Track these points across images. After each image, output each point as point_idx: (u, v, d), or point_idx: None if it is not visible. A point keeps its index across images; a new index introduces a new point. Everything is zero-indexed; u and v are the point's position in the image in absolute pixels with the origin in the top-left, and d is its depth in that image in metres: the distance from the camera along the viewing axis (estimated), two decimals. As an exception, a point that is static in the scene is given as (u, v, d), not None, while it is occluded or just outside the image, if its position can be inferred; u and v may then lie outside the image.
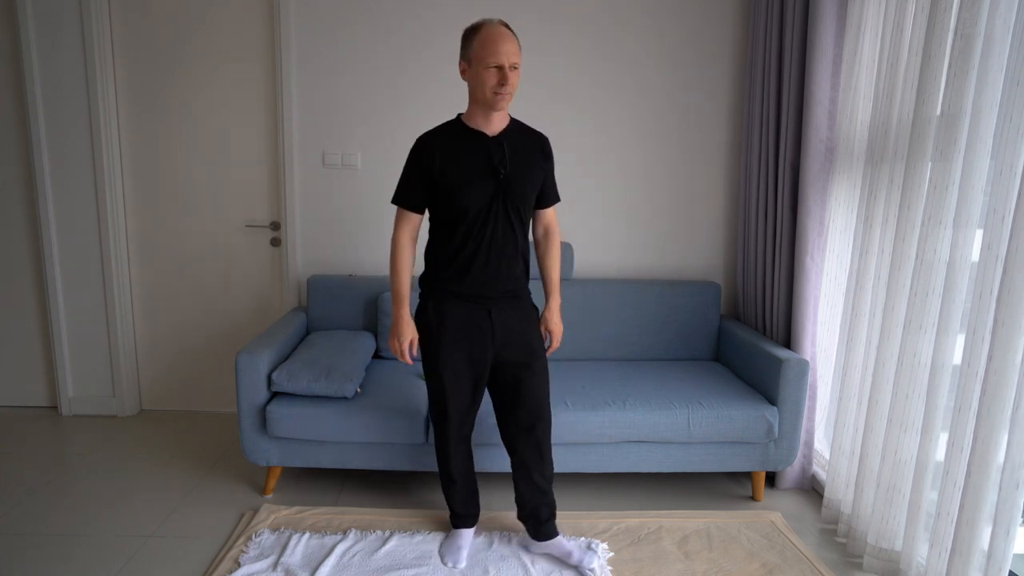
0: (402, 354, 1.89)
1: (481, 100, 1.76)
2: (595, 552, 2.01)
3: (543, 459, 1.98)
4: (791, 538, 2.18)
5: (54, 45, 2.83)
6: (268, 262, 3.10)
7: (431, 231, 1.92)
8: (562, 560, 2.00)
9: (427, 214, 1.93)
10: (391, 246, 1.90)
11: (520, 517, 2.05)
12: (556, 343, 2.04)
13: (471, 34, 1.74)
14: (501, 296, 1.89)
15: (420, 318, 1.93)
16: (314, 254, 3.04)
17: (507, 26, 1.73)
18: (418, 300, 2.08)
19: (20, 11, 2.78)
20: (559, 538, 2.02)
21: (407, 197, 1.86)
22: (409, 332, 1.89)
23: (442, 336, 1.87)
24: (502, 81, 1.70)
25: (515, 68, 1.72)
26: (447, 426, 1.96)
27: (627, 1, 2.88)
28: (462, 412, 1.95)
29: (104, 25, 2.86)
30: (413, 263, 1.91)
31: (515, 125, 1.89)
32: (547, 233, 2.03)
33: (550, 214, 2.02)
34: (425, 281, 1.94)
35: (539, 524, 2.01)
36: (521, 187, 1.83)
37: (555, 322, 2.01)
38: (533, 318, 1.98)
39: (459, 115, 1.86)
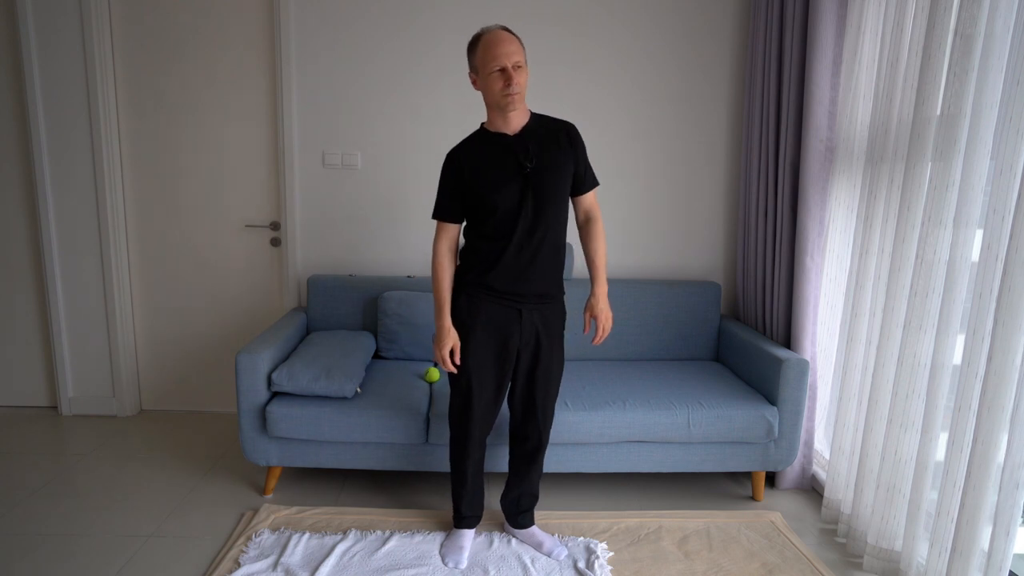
0: (444, 361, 1.88)
1: (494, 105, 1.80)
2: (565, 546, 2.07)
3: (539, 458, 2.07)
4: (791, 538, 2.18)
5: (54, 45, 2.83)
6: (268, 262, 3.10)
7: (467, 232, 1.94)
8: (535, 549, 2.08)
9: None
10: (432, 258, 1.92)
11: (502, 502, 2.14)
12: (604, 330, 1.95)
13: (473, 45, 1.79)
14: (533, 297, 1.90)
15: (451, 310, 1.93)
16: (314, 254, 3.04)
17: (507, 29, 1.77)
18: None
19: (20, 11, 2.77)
20: (534, 528, 2.12)
21: (444, 210, 1.90)
22: (450, 339, 1.87)
23: (472, 329, 1.89)
24: (507, 82, 1.73)
25: (519, 67, 1.75)
26: (468, 426, 1.95)
27: (627, 1, 2.88)
28: (485, 412, 1.96)
29: (104, 25, 2.86)
30: (452, 274, 1.92)
31: (537, 119, 1.89)
32: (588, 218, 1.99)
33: (590, 199, 1.98)
34: (459, 277, 1.94)
35: (518, 512, 2.12)
36: (550, 179, 1.84)
37: (602, 308, 1.93)
38: (561, 321, 1.99)
39: (482, 124, 1.91)
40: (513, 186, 1.81)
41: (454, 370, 1.90)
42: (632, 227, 3.05)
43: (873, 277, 2.08)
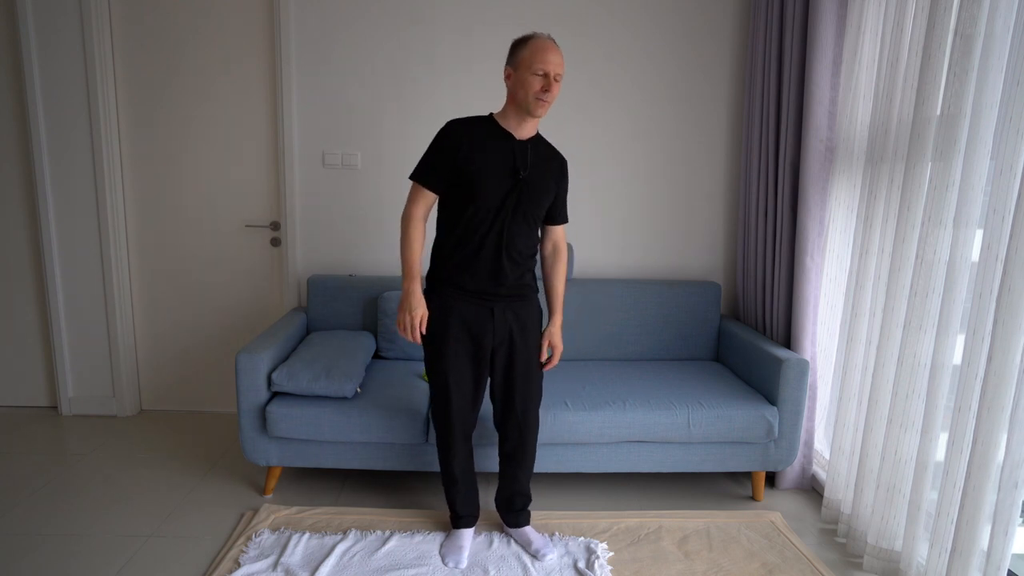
0: (412, 330, 1.86)
1: (522, 103, 1.81)
2: (554, 546, 2.08)
3: (526, 456, 2.07)
4: (791, 538, 2.18)
5: (54, 45, 2.83)
6: (268, 262, 3.10)
7: (439, 227, 1.94)
8: (523, 547, 2.08)
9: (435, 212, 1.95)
10: (402, 222, 1.90)
11: (496, 502, 2.16)
12: (556, 359, 2.06)
13: (522, 43, 1.81)
14: (506, 296, 1.92)
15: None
16: (314, 254, 3.04)
17: (554, 41, 1.82)
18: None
19: (20, 11, 2.77)
20: (527, 528, 2.13)
21: (426, 175, 1.88)
22: (420, 306, 1.86)
23: (447, 332, 1.90)
24: (546, 87, 1.77)
25: (558, 80, 1.79)
26: (450, 424, 1.97)
27: (627, 1, 2.88)
28: (464, 410, 1.97)
29: (104, 25, 2.86)
30: (423, 240, 1.91)
31: (541, 138, 1.95)
32: (555, 250, 2.07)
33: (559, 232, 2.07)
34: (431, 276, 1.95)
35: (510, 512, 2.13)
36: (538, 192, 1.89)
37: (557, 338, 2.04)
38: (537, 321, 2.01)
39: (491, 113, 1.91)
40: (504, 182, 1.83)
41: (419, 340, 1.89)
42: (632, 227, 3.05)
43: (873, 277, 2.08)
